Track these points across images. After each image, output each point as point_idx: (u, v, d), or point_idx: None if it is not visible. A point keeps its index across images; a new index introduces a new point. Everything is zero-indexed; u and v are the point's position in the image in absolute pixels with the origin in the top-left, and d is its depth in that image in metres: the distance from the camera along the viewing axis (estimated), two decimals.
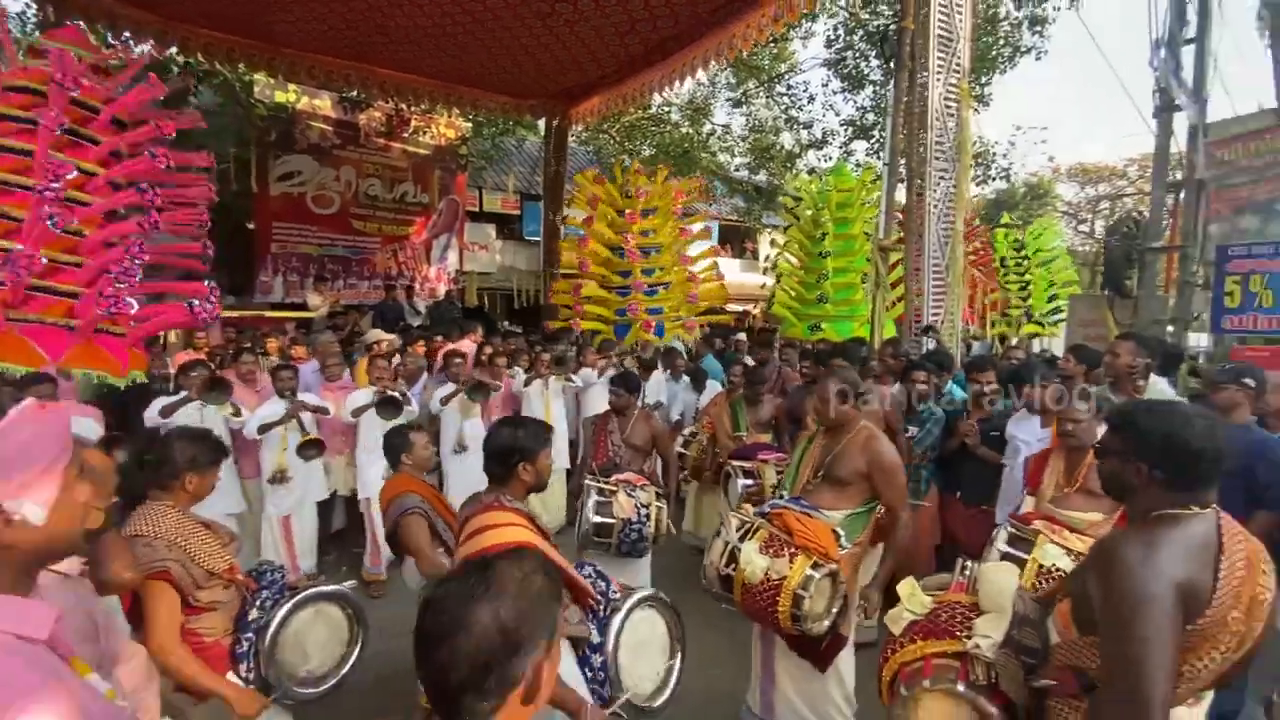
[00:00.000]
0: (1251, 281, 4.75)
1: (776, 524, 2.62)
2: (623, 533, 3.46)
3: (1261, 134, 5.22)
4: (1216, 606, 1.32)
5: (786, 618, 2.44)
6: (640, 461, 4.19)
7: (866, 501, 2.81)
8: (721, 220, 18.36)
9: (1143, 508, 1.46)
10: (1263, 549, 1.46)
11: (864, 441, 2.79)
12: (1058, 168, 24.85)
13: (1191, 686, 1.39)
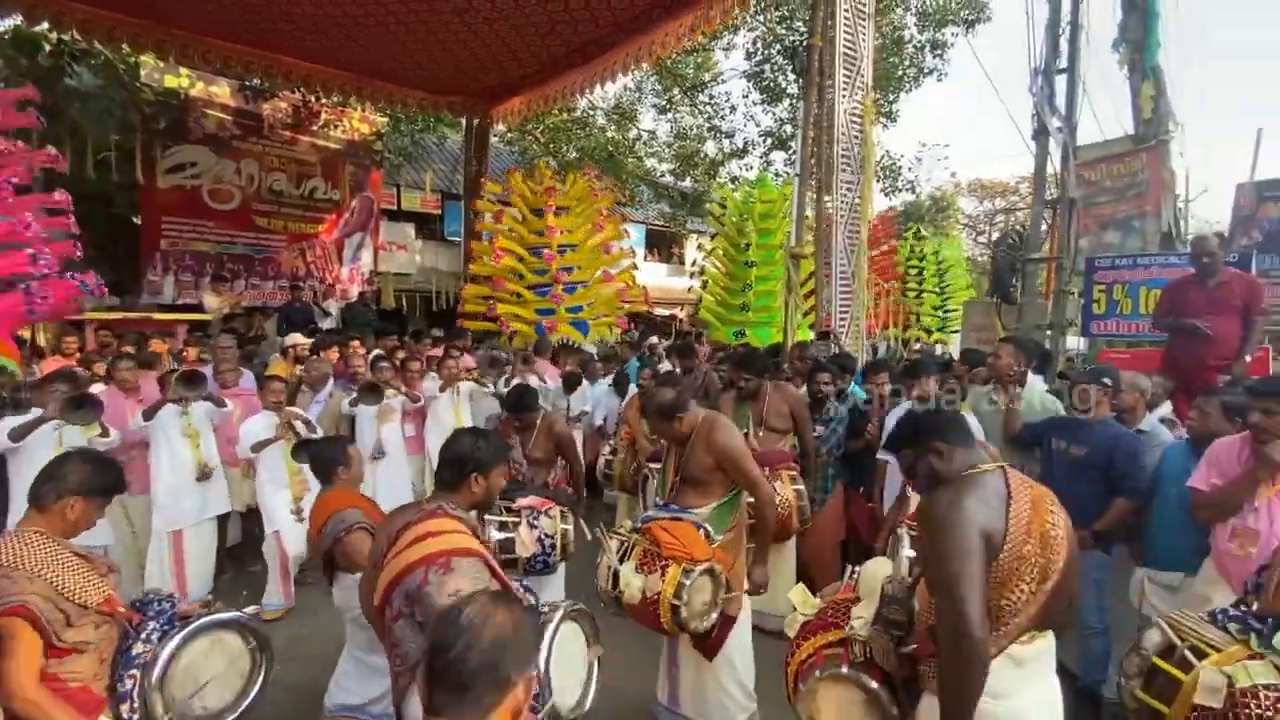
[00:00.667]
0: (1114, 290, 5.28)
1: (648, 538, 2.70)
2: (527, 563, 3.36)
3: (1121, 157, 5.82)
4: (1012, 543, 1.56)
5: (671, 625, 2.57)
6: (545, 474, 4.02)
7: (729, 490, 2.90)
8: (649, 225, 18.56)
9: (954, 475, 1.68)
10: (1048, 493, 1.69)
11: (706, 436, 2.83)
12: (959, 182, 26.72)
13: (1017, 621, 1.58)
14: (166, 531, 4.12)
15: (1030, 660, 1.62)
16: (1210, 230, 6.63)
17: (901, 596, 1.82)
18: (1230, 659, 1.75)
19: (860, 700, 1.73)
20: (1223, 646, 1.80)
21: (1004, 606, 1.58)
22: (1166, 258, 5.15)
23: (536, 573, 3.48)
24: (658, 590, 2.55)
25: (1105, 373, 3.20)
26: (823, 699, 1.76)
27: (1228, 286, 4.26)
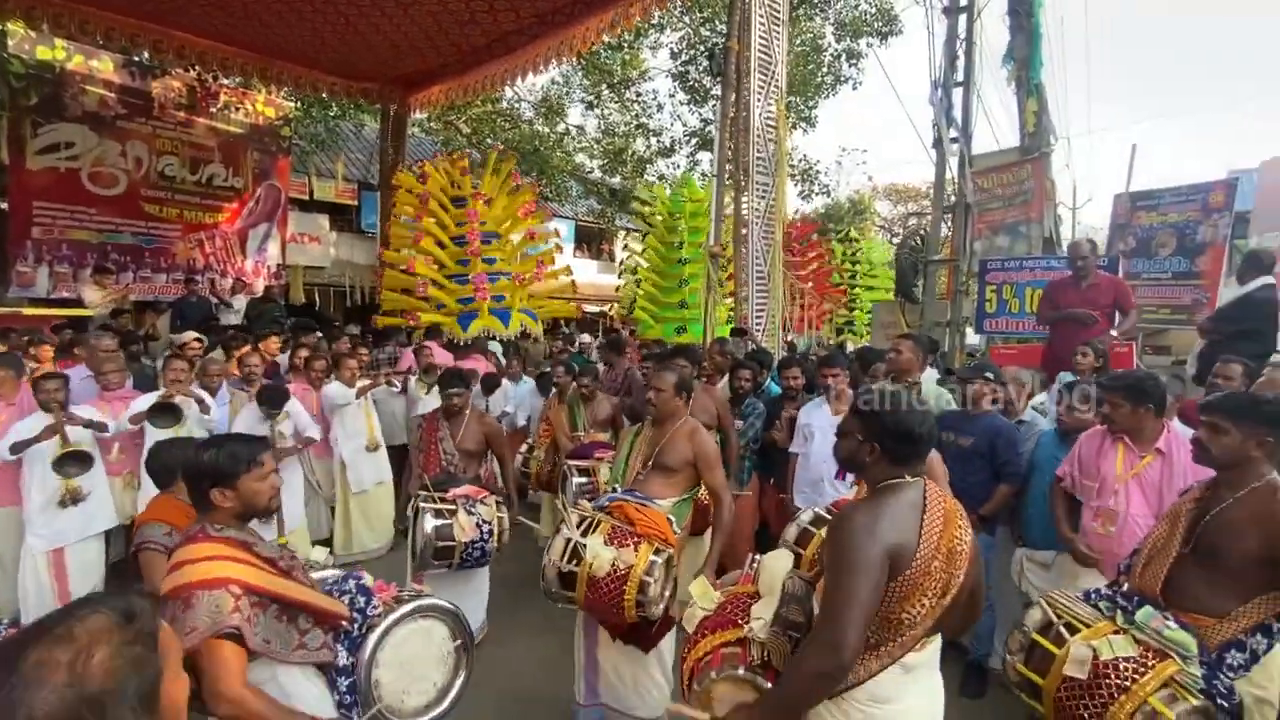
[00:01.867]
0: (1004, 290, 5.72)
1: (617, 515, 2.68)
2: (465, 552, 3.34)
3: (1010, 167, 6.29)
4: (921, 557, 1.57)
5: (632, 605, 2.50)
6: (475, 467, 4.04)
7: (689, 489, 3.03)
8: (578, 221, 18.44)
9: (872, 479, 1.71)
10: (959, 507, 1.73)
11: (689, 432, 2.99)
12: (876, 187, 28.04)
13: (913, 633, 1.62)
14: (45, 551, 3.76)
15: (920, 666, 1.68)
16: (1084, 237, 7.25)
17: (801, 595, 1.85)
18: (1098, 634, 1.92)
19: (754, 700, 1.74)
20: (1092, 623, 1.97)
21: (903, 620, 1.59)
22: (1047, 261, 5.62)
23: (473, 562, 3.43)
24: (630, 563, 2.48)
25: (988, 368, 3.46)
26: (718, 697, 1.77)
27: (1097, 287, 4.71)
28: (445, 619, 2.18)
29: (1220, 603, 1.91)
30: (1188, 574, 1.96)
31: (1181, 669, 1.79)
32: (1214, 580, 1.92)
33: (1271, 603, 1.87)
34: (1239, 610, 1.88)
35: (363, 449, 5.23)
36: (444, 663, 2.15)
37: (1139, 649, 1.85)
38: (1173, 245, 8.61)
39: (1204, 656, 1.84)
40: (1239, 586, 1.89)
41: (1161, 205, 8.87)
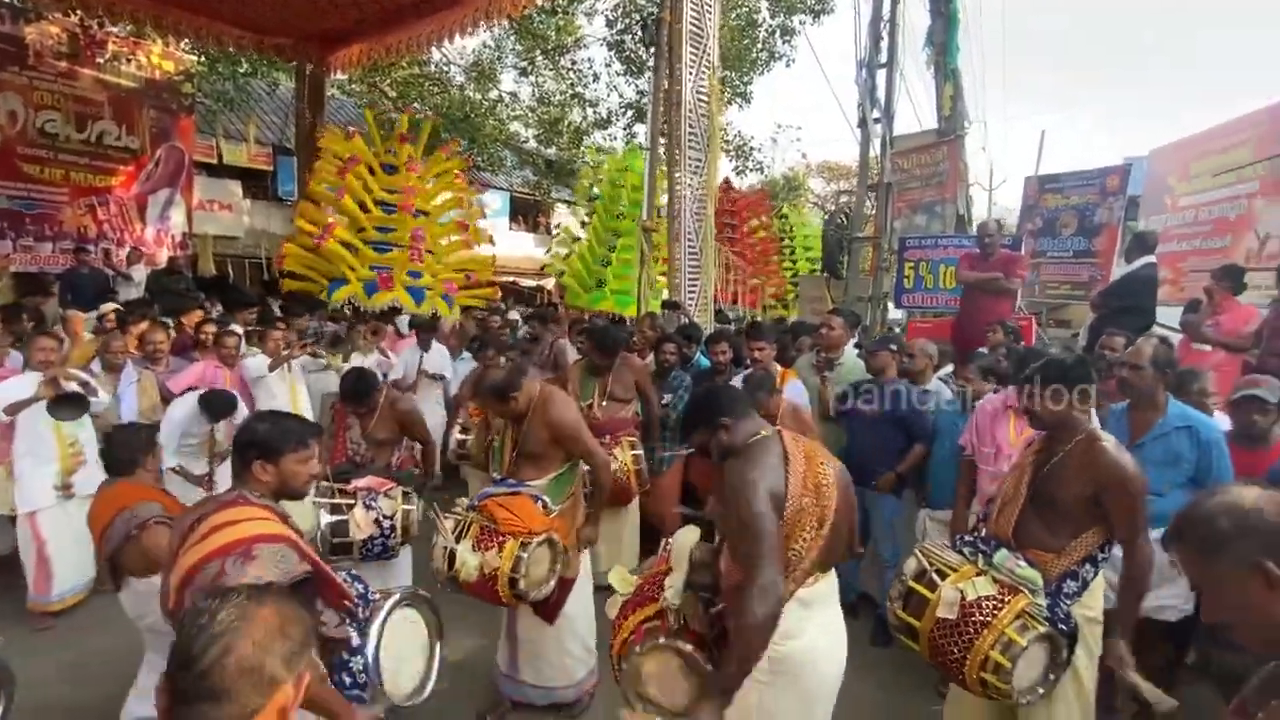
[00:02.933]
0: (920, 267, 6.02)
1: (484, 514, 2.72)
2: (364, 547, 3.21)
3: (928, 148, 6.57)
4: (794, 497, 1.73)
5: (509, 598, 2.63)
6: (388, 454, 3.82)
7: (563, 463, 2.98)
8: (513, 192, 17.98)
9: (740, 445, 1.84)
10: (818, 446, 1.90)
11: (542, 412, 2.88)
12: (810, 164, 28.56)
13: (803, 567, 1.76)
14: None
15: (816, 601, 1.82)
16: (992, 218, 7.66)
17: (708, 560, 1.97)
18: (964, 577, 2.13)
19: (678, 665, 1.82)
20: (959, 567, 2.18)
21: (790, 556, 1.74)
22: (959, 239, 5.94)
23: (375, 557, 3.33)
24: (495, 567, 2.59)
25: (893, 340, 3.66)
26: (645, 672, 1.83)
27: (999, 264, 5.04)
28: (424, 608, 2.22)
29: (1057, 540, 2.14)
30: (1031, 518, 2.19)
31: (1031, 601, 2.04)
32: (1051, 521, 2.16)
33: (1096, 536, 2.12)
34: (1071, 545, 2.12)
35: None
36: (424, 650, 2.20)
37: (997, 587, 2.07)
38: (1074, 226, 9.26)
39: (1047, 588, 2.08)
40: (1071, 525, 2.13)
41: (1065, 188, 9.50)
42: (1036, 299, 9.18)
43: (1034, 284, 9.69)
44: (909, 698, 3.16)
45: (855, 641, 3.62)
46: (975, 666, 2.00)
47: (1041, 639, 1.99)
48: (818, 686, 1.83)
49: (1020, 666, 1.96)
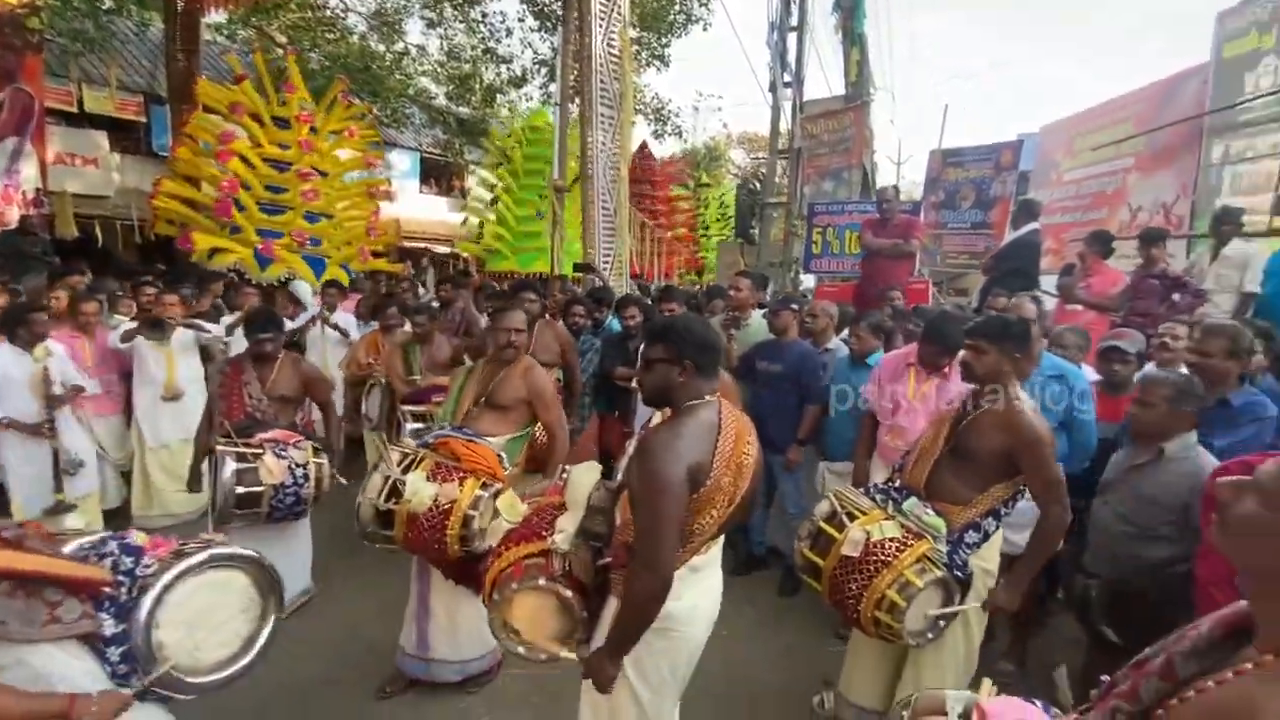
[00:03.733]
0: (828, 233, 6.16)
1: (443, 452, 2.62)
2: (275, 499, 3.08)
3: (835, 114, 6.69)
4: (715, 475, 1.67)
5: (455, 540, 2.47)
6: (291, 414, 3.67)
7: (525, 426, 2.99)
8: (423, 153, 17.04)
9: (680, 401, 1.76)
10: (749, 424, 1.86)
11: (524, 370, 2.94)
12: (730, 135, 28.75)
13: (702, 539, 1.75)
14: None
15: (704, 566, 1.82)
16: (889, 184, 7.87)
17: (606, 506, 1.91)
18: (871, 520, 2.21)
19: (553, 606, 1.81)
20: (869, 511, 2.27)
21: (694, 530, 1.71)
22: (864, 205, 6.10)
23: (287, 511, 3.17)
24: (453, 498, 2.45)
25: (794, 300, 3.72)
26: (518, 606, 1.81)
27: (897, 227, 5.22)
28: (245, 566, 2.03)
29: (965, 492, 2.24)
30: (945, 470, 2.29)
31: (932, 547, 2.13)
32: (963, 474, 2.26)
33: (1002, 491, 2.24)
34: (978, 498, 2.23)
35: (158, 399, 4.59)
36: (248, 611, 2.02)
37: (902, 532, 2.16)
38: (972, 198, 9.77)
39: (949, 537, 2.18)
40: (980, 480, 2.23)
41: (965, 162, 9.97)
42: (938, 268, 9.66)
43: (935, 254, 10.19)
44: (812, 641, 3.31)
45: (764, 591, 3.81)
46: (871, 605, 2.09)
47: (937, 583, 2.09)
48: (689, 643, 1.83)
49: (914, 608, 2.05)
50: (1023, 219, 5.61)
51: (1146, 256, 4.68)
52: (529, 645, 1.82)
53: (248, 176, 7.12)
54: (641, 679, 1.77)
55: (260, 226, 7.06)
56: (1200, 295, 4.41)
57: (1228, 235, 4.63)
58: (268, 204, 7.18)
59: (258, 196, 7.17)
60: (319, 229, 7.46)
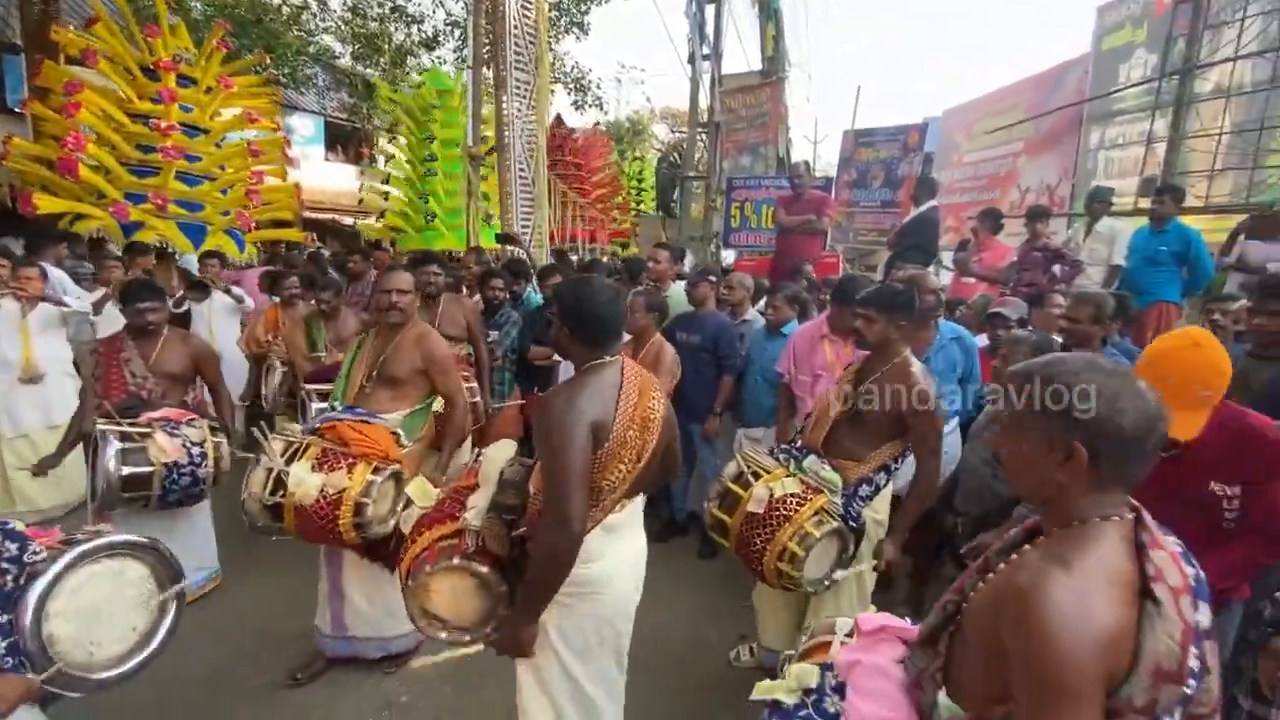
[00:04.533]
0: (746, 207, 6.28)
1: (330, 437, 2.49)
2: (167, 480, 2.84)
3: (752, 89, 6.78)
4: (618, 430, 1.69)
5: (349, 529, 2.39)
6: (180, 393, 3.37)
7: (424, 398, 2.87)
8: (328, 117, 15.94)
9: (577, 363, 1.79)
10: (653, 380, 1.89)
11: (417, 338, 2.79)
12: (654, 109, 28.61)
13: (613, 497, 1.76)
14: None
15: (620, 526, 1.82)
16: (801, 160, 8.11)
17: (519, 480, 1.88)
18: (775, 478, 2.34)
19: (471, 585, 1.77)
20: (772, 470, 2.39)
21: (603, 487, 1.71)
22: (779, 180, 6.25)
23: (182, 493, 2.94)
24: (342, 487, 2.36)
25: (711, 272, 3.78)
26: (435, 590, 1.76)
27: (809, 203, 5.40)
28: (142, 556, 1.92)
29: (860, 450, 2.40)
30: (842, 429, 2.44)
31: (830, 500, 2.28)
32: (858, 433, 2.41)
33: (893, 448, 2.40)
34: (871, 455, 2.39)
35: (15, 383, 4.11)
36: (145, 605, 1.92)
37: (802, 487, 2.29)
38: (881, 178, 10.21)
39: (845, 491, 2.33)
40: (874, 437, 2.39)
41: (875, 143, 10.39)
42: (851, 245, 10.08)
43: (848, 231, 10.62)
44: (731, 601, 3.43)
45: (684, 556, 3.91)
46: (774, 556, 2.21)
47: (833, 533, 2.23)
48: (615, 605, 1.84)
49: (812, 557, 2.19)
50: (924, 196, 5.92)
51: (1032, 231, 5.08)
52: (453, 630, 1.78)
53: (108, 133, 6.38)
54: (565, 643, 1.78)
55: (130, 190, 6.37)
56: (1077, 265, 4.84)
57: (1098, 213, 5.08)
58: (137, 164, 6.49)
59: (123, 156, 6.45)
60: (198, 193, 6.79)
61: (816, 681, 1.36)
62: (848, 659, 1.34)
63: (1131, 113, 8.61)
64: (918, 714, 1.18)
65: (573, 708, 1.81)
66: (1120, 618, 0.91)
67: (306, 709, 2.63)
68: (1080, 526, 0.99)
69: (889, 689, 1.24)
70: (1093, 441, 0.97)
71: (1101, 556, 0.95)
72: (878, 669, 1.28)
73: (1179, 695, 0.92)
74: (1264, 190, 6.28)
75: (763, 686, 1.42)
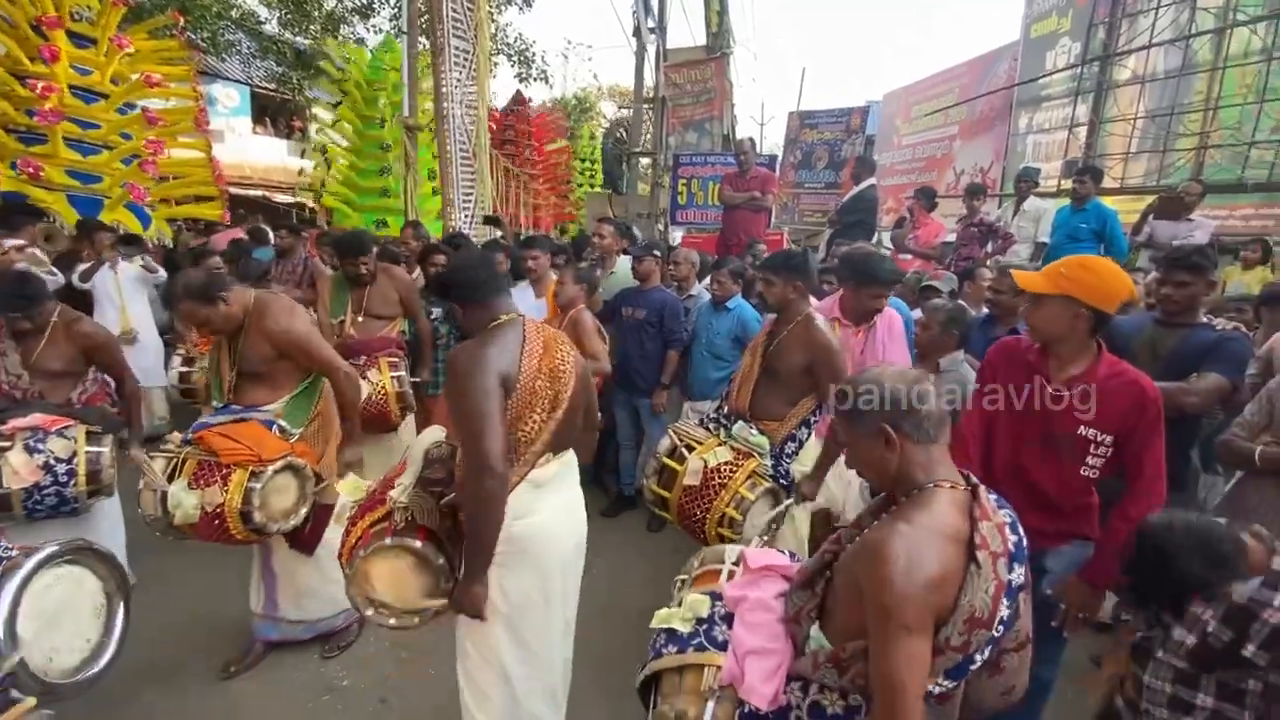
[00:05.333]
0: (693, 184, 6.28)
1: (201, 448, 2.36)
2: (28, 501, 2.56)
3: (697, 64, 6.76)
4: (525, 380, 1.73)
5: (246, 534, 2.34)
6: (66, 390, 2.99)
7: (300, 380, 2.65)
8: (255, 88, 15.03)
9: (475, 329, 1.83)
10: (562, 336, 1.93)
11: (258, 322, 2.49)
12: (601, 87, 28.18)
13: (534, 449, 1.77)
14: None
15: (548, 480, 1.83)
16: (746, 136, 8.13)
17: (445, 457, 1.91)
18: (708, 449, 2.40)
19: (410, 564, 1.74)
20: (704, 440, 2.45)
21: (519, 438, 1.74)
22: (724, 157, 6.27)
23: (52, 511, 2.67)
24: (220, 502, 2.27)
25: (655, 246, 3.78)
26: (374, 575, 1.73)
27: (755, 179, 5.45)
28: (96, 564, 1.93)
29: (781, 409, 2.47)
30: (761, 390, 2.51)
31: (760, 463, 2.36)
32: (776, 392, 2.49)
33: (809, 402, 2.49)
34: (791, 412, 2.47)
35: None
36: (97, 616, 1.95)
37: (734, 454, 2.36)
38: (826, 159, 10.39)
39: (773, 451, 2.41)
40: (791, 394, 2.47)
41: (819, 124, 10.55)
42: (796, 225, 10.25)
43: (794, 212, 10.79)
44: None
45: (634, 528, 3.94)
46: (714, 524, 2.28)
47: (767, 493, 2.32)
48: (553, 563, 1.85)
49: (749, 519, 2.26)
50: (863, 174, 6.06)
51: (969, 207, 5.29)
52: (399, 613, 1.75)
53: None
54: (508, 603, 1.79)
55: (14, 158, 5.82)
56: (1009, 238, 5.09)
57: (1025, 192, 5.32)
58: (25, 130, 5.94)
59: (9, 121, 5.90)
60: (94, 163, 6.23)
61: (708, 611, 1.48)
62: (735, 594, 1.48)
63: (1057, 99, 9.03)
64: (793, 645, 1.34)
65: (520, 672, 1.82)
66: (947, 567, 1.12)
67: (239, 700, 2.55)
68: (919, 493, 1.20)
69: (770, 621, 1.39)
70: (892, 420, 1.21)
71: (936, 516, 1.16)
72: (761, 603, 1.42)
73: (987, 638, 1.13)
74: (1173, 173, 6.71)
75: (660, 615, 1.53)
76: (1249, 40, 6.36)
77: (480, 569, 1.69)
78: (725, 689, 1.33)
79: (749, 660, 1.33)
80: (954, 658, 1.12)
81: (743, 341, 3.43)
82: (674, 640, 1.47)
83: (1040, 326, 1.83)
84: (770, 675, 1.30)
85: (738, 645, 1.37)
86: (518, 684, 1.82)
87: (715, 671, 1.37)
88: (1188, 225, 4.69)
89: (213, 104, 15.03)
